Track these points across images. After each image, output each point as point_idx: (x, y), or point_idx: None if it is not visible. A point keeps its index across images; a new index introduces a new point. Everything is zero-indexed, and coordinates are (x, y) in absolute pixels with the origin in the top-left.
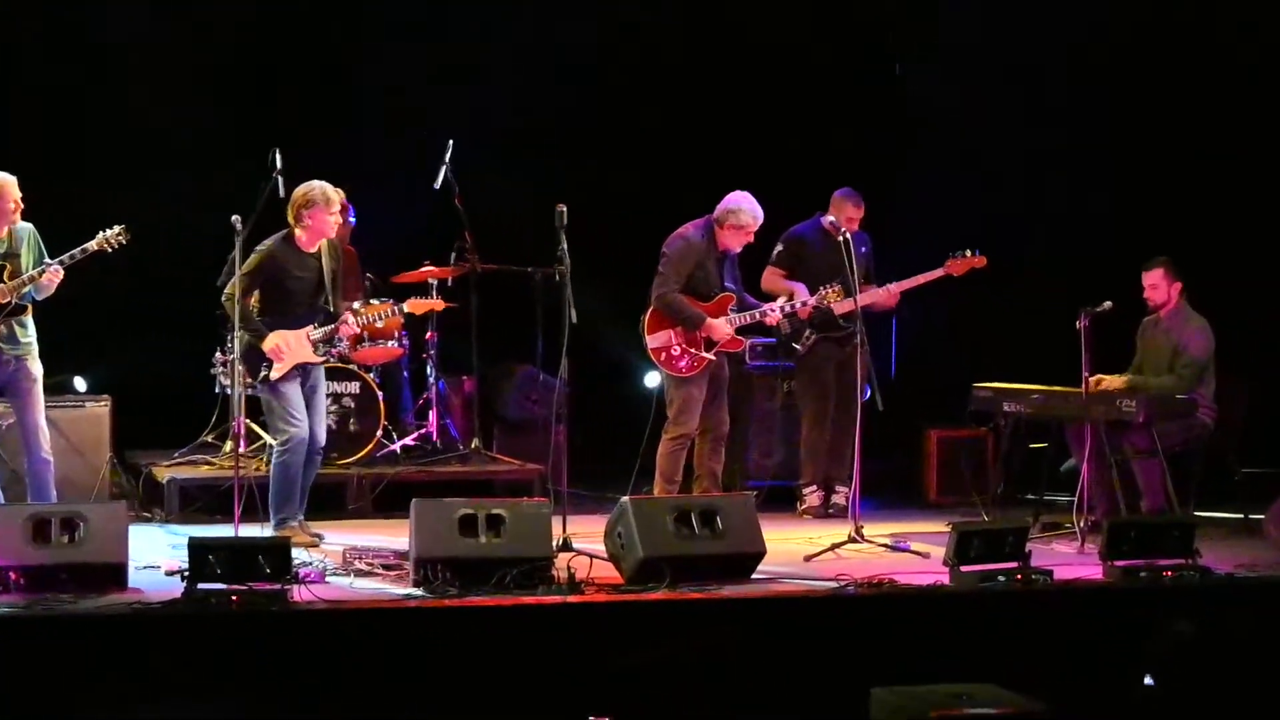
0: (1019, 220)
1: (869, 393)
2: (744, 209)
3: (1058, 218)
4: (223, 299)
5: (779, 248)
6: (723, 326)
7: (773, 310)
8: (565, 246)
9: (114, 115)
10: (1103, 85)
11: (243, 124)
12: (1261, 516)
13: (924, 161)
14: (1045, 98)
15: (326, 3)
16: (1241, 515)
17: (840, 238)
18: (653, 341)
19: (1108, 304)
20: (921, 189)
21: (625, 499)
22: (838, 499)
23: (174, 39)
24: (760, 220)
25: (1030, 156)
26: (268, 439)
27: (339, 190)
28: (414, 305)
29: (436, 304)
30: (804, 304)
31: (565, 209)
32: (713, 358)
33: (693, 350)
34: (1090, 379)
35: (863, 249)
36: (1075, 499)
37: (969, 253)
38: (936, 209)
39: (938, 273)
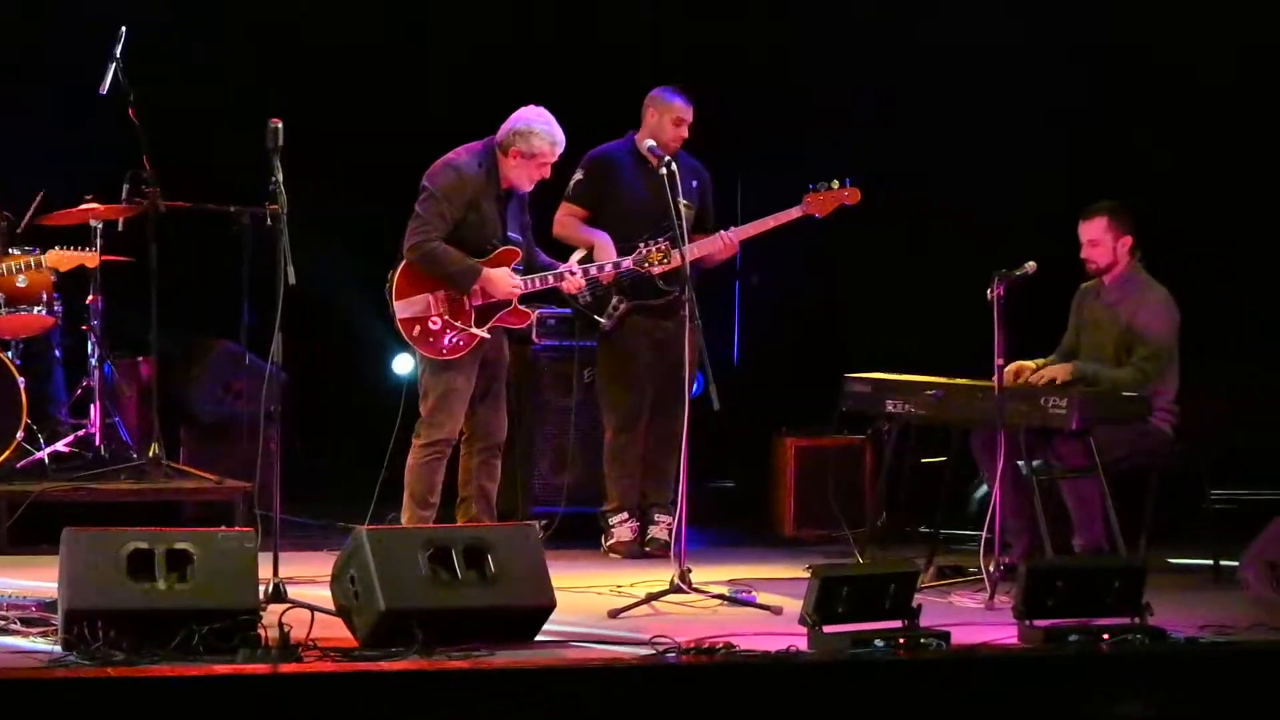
0: (918, 150)
1: (701, 385)
2: (536, 130)
3: (970, 148)
4: None
5: (578, 175)
6: (506, 279)
7: (573, 273)
8: (280, 178)
9: None
10: None
11: None
12: (1235, 562)
13: (801, 65)
14: None
15: None
16: (1210, 559)
17: (662, 169)
18: (403, 309)
19: (1030, 265)
20: (793, 103)
21: (361, 529)
22: (657, 531)
23: None
24: (559, 147)
25: (941, 67)
26: None
27: None
28: (57, 259)
29: (87, 257)
30: (614, 266)
31: (281, 125)
32: (486, 335)
33: (459, 324)
34: (1006, 368)
35: (693, 182)
36: (983, 534)
37: (835, 184)
38: (810, 135)
39: (794, 212)
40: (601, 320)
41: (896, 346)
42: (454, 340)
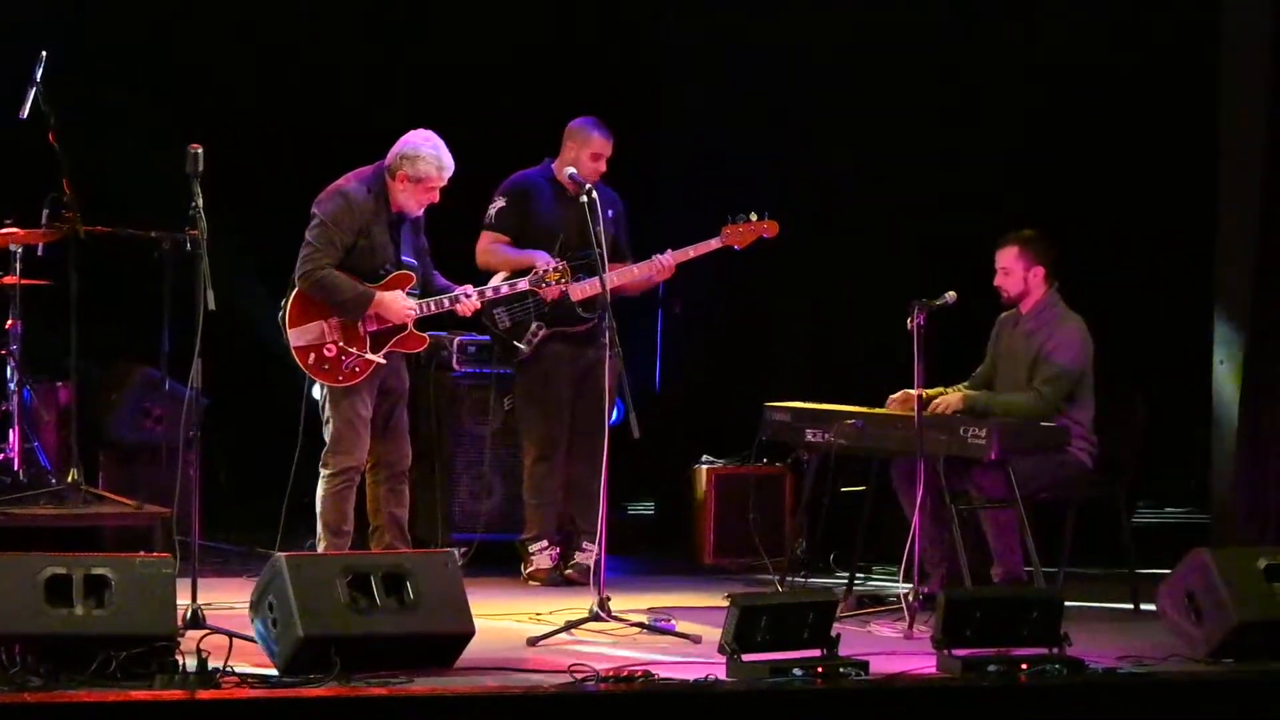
0: (839, 177)
1: (621, 413)
2: (423, 155)
3: (890, 176)
4: None
5: (498, 204)
6: (400, 303)
7: (468, 295)
8: (200, 203)
9: None
10: None
11: None
12: (1152, 601)
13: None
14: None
15: None
16: (1128, 587)
17: (583, 197)
18: (297, 337)
19: (950, 295)
20: (703, 130)
21: (280, 556)
22: (580, 559)
23: None
24: (447, 172)
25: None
26: None
27: None
28: None
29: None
30: (509, 285)
31: (201, 151)
32: (381, 360)
33: (354, 350)
34: (894, 396)
35: (609, 212)
36: (902, 564)
37: (753, 216)
38: (723, 161)
39: (713, 243)
40: (520, 347)
41: (817, 375)
42: (350, 366)
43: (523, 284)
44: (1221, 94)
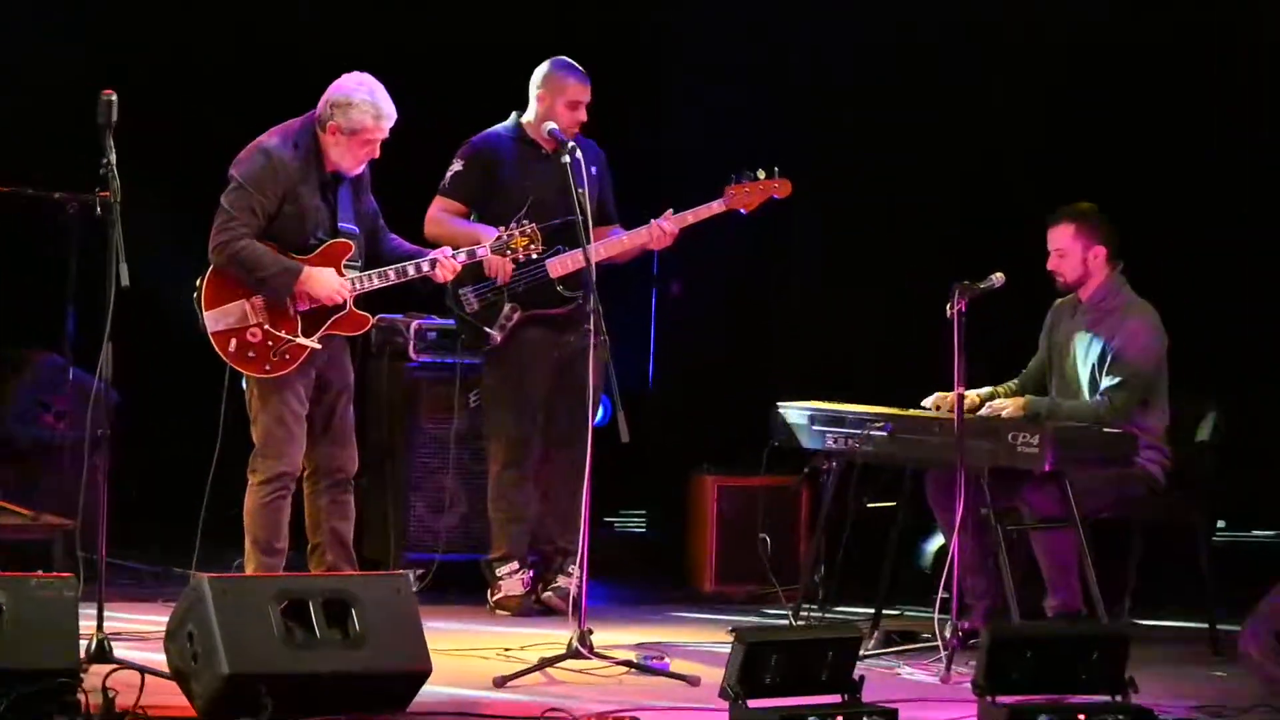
0: (868, 140)
1: (607, 412)
2: (356, 101)
3: (930, 140)
4: None
5: (454, 167)
6: (330, 281)
7: (423, 265)
8: (113, 160)
9: None
10: None
11: None
12: (1236, 627)
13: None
14: None
15: None
16: (1206, 624)
17: (564, 156)
18: (215, 321)
19: (997, 277)
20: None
21: (202, 578)
22: (562, 583)
23: None
24: (387, 120)
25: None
26: None
27: None
28: None
29: None
30: (468, 255)
31: (115, 98)
32: (316, 345)
33: (283, 334)
34: (962, 397)
35: (592, 168)
36: (938, 594)
37: (761, 174)
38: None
39: (714, 207)
40: (491, 332)
41: (838, 370)
42: (278, 354)
43: (482, 251)
44: None
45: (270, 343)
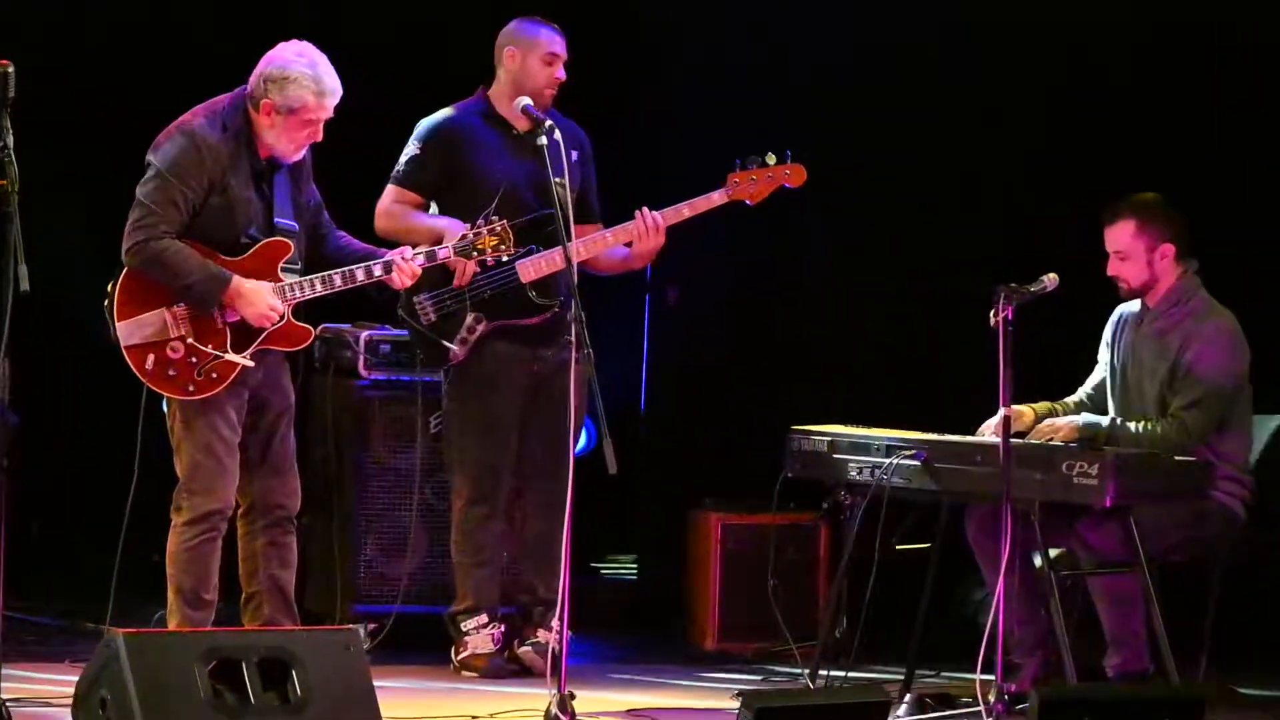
0: (894, 130)
1: (592, 439)
2: (294, 75)
3: (963, 131)
4: None
5: (411, 150)
6: (259, 300)
7: (405, 258)
8: (10, 143)
9: None
10: None
11: None
12: None
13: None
14: None
15: None
16: None
17: (541, 138)
18: (130, 333)
19: (1049, 279)
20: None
21: (116, 634)
22: (541, 638)
23: None
24: (331, 98)
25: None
26: None
27: None
28: None
29: None
30: (427, 256)
31: (11, 69)
32: (248, 362)
33: (209, 349)
34: (1011, 415)
35: (573, 153)
36: (982, 649)
37: (771, 159)
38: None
39: (716, 198)
40: (451, 347)
41: (861, 390)
42: (204, 372)
43: (444, 252)
44: None
45: (194, 359)
